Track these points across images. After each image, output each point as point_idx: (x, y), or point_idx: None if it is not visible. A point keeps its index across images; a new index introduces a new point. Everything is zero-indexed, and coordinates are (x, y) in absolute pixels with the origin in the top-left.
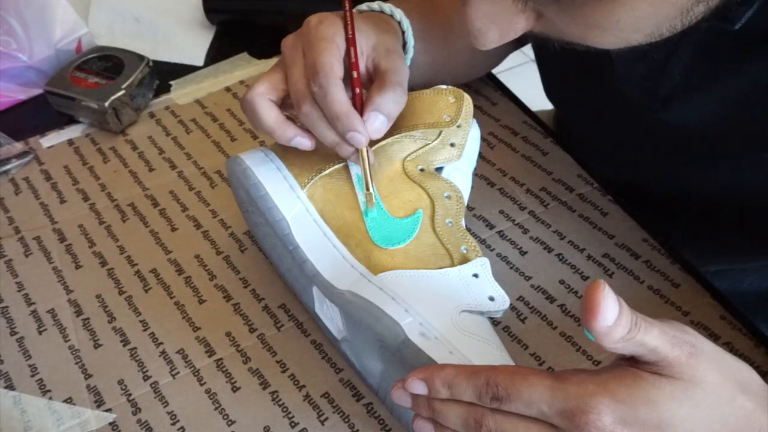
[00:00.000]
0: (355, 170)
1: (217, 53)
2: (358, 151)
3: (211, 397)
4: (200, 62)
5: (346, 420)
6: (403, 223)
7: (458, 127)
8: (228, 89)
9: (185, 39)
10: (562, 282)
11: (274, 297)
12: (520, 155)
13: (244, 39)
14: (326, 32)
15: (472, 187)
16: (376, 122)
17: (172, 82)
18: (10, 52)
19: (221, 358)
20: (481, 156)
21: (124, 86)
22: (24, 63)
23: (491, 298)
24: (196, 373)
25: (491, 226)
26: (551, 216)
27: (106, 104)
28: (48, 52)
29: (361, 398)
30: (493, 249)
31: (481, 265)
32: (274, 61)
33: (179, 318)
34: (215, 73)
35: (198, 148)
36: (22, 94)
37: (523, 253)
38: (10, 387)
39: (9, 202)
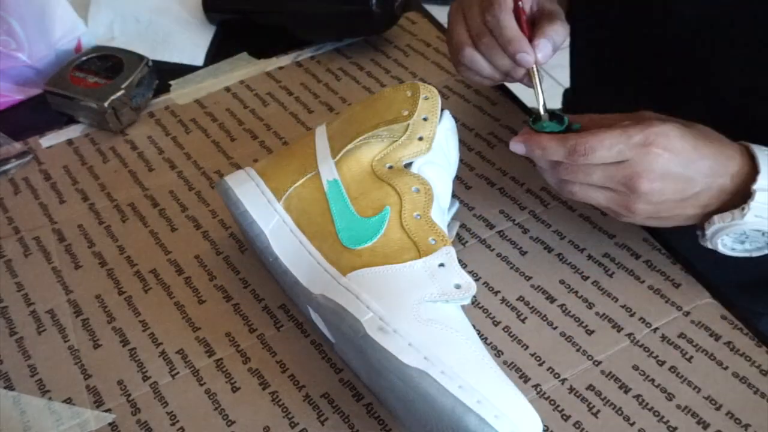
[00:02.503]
0: (325, 177)
1: (217, 53)
2: (529, 74)
3: (211, 397)
4: (200, 62)
5: (346, 420)
6: (371, 222)
7: (425, 120)
8: (228, 89)
9: (185, 39)
10: (562, 282)
11: (274, 297)
12: (520, 155)
13: (244, 39)
14: None
15: (458, 177)
16: (546, 48)
17: (171, 82)
18: (9, 52)
19: (221, 358)
20: (480, 156)
21: (123, 86)
22: (24, 63)
23: (457, 286)
24: (196, 373)
25: (491, 226)
26: (551, 216)
27: (106, 104)
28: (47, 52)
29: (361, 398)
30: (493, 249)
31: (446, 254)
32: (274, 60)
33: (179, 318)
34: (215, 73)
35: (198, 148)
36: (21, 94)
37: (523, 253)
38: (10, 387)
39: (8, 202)
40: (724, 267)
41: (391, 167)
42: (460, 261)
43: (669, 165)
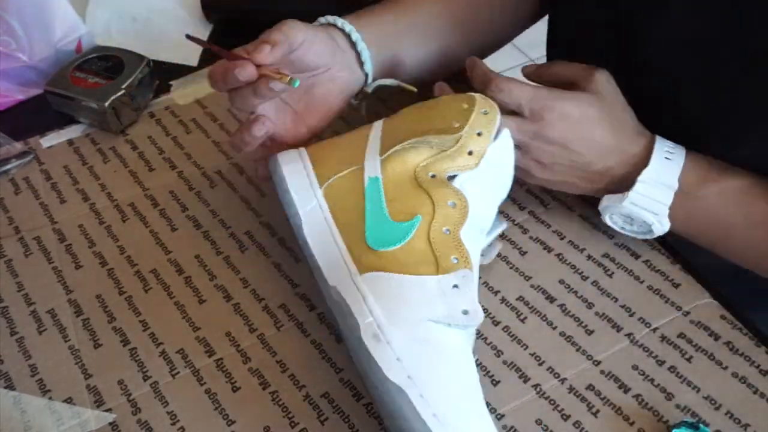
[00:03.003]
0: (368, 173)
1: (213, 54)
2: (265, 78)
3: (211, 397)
4: (194, 62)
5: (346, 420)
6: (400, 227)
7: (479, 134)
8: None
9: (181, 39)
10: (562, 282)
11: (274, 297)
12: None
13: (240, 39)
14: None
15: (508, 198)
16: (261, 50)
17: (172, 82)
18: (10, 52)
19: (221, 358)
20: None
21: (124, 86)
22: (24, 63)
23: (465, 312)
24: (196, 373)
25: None
26: (551, 216)
27: (106, 104)
28: (48, 52)
29: (361, 398)
30: None
31: (463, 276)
32: None
33: (179, 318)
34: None
35: (198, 148)
36: (22, 94)
37: (523, 253)
38: (10, 387)
39: (9, 202)
40: (724, 267)
41: (433, 176)
42: None
43: (564, 133)
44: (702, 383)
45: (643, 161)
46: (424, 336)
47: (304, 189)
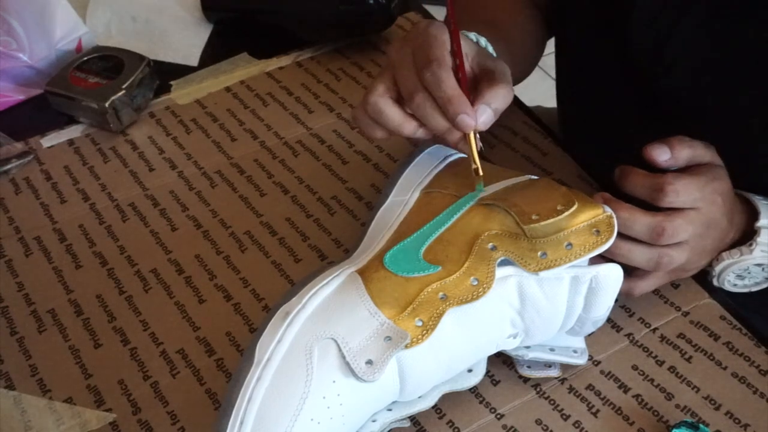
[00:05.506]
0: (465, 200)
1: (213, 53)
2: (465, 137)
3: (212, 396)
4: (194, 63)
5: None
6: (416, 264)
7: (567, 246)
8: (228, 89)
9: (180, 39)
10: None
11: (274, 297)
12: (520, 155)
13: (240, 39)
14: (435, 32)
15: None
16: (484, 115)
17: (172, 82)
18: (10, 52)
19: (221, 358)
20: (480, 156)
21: (124, 86)
22: (24, 63)
23: (369, 362)
24: (196, 373)
25: None
26: None
27: (106, 104)
28: (48, 52)
29: None
30: None
31: (402, 338)
32: (274, 60)
33: (179, 318)
34: (215, 73)
35: (198, 148)
36: (22, 94)
37: None
38: (10, 387)
39: (9, 202)
40: None
41: (493, 248)
42: None
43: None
44: (702, 383)
45: (747, 212)
46: (318, 356)
47: (409, 183)
